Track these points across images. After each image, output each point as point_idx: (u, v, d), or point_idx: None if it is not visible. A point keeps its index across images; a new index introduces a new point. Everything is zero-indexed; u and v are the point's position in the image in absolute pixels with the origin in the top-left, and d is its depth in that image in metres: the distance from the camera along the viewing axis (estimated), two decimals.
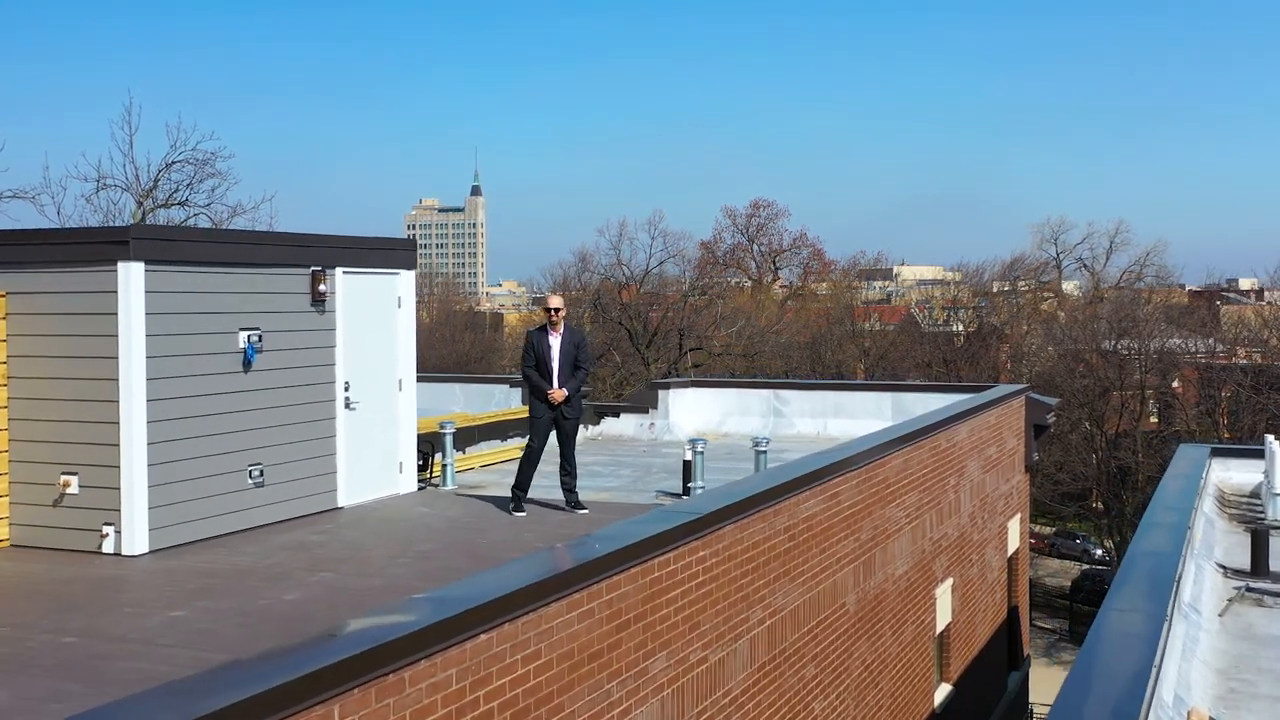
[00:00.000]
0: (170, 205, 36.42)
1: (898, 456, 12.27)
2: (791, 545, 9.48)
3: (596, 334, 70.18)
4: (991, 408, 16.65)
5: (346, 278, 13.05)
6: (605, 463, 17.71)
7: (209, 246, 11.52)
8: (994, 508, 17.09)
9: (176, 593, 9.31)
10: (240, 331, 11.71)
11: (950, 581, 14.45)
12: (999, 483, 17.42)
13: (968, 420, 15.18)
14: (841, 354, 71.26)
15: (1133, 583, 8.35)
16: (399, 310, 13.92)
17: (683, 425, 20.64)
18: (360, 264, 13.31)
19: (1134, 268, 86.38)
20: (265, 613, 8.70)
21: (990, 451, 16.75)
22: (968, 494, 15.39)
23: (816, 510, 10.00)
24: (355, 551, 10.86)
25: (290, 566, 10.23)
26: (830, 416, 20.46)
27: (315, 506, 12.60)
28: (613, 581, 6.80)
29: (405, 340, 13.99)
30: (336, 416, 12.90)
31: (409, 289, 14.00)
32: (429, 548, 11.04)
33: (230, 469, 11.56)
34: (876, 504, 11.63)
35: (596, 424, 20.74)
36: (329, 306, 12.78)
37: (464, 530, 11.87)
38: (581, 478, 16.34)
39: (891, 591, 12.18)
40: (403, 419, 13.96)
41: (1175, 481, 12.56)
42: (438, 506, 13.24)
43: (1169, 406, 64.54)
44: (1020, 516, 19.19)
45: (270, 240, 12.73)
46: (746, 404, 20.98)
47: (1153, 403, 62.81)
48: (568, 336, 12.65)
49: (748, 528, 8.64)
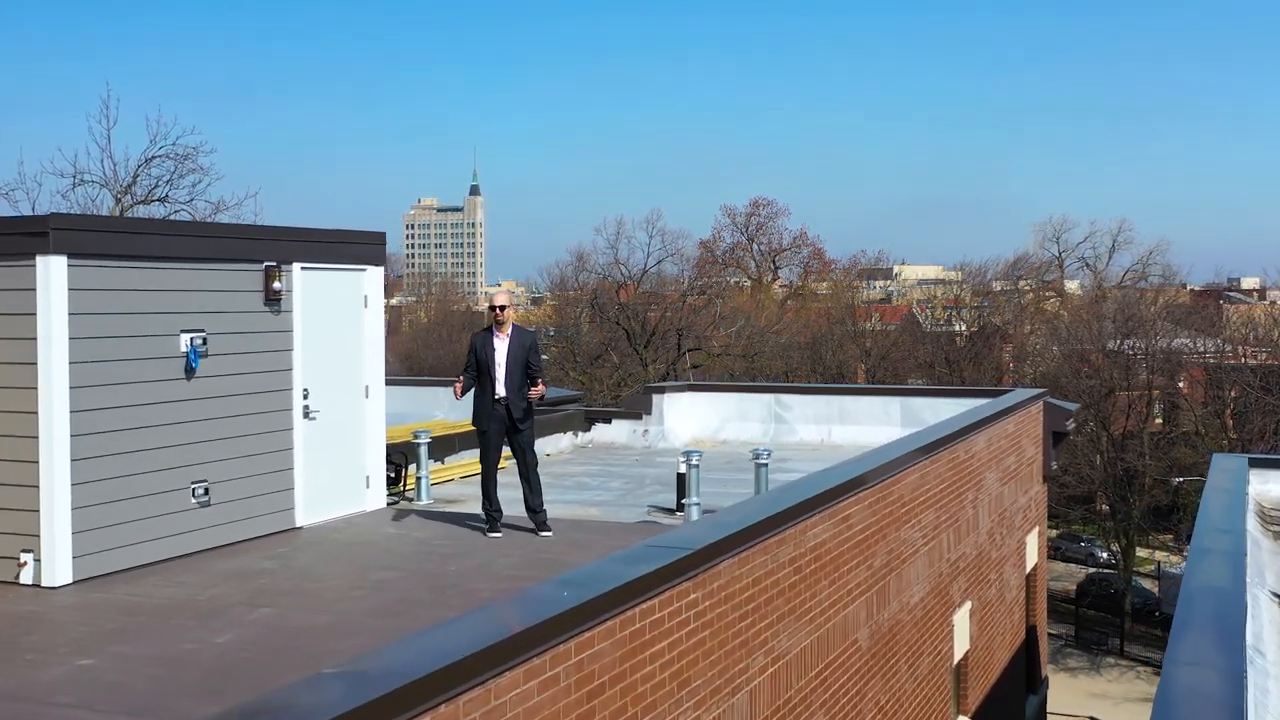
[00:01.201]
0: (150, 201, 35.29)
1: (913, 471, 11.08)
2: (798, 579, 8.28)
3: (594, 334, 69.04)
4: (1009, 415, 15.45)
5: (306, 274, 11.85)
6: (595, 473, 16.51)
7: (145, 239, 10.31)
8: (1012, 522, 15.89)
9: (91, 634, 8.11)
10: (182, 334, 10.50)
11: (968, 605, 13.25)
12: (1017, 494, 16.22)
13: (986, 429, 13.99)
14: (842, 354, 70.20)
15: (1197, 627, 7.14)
16: (365, 310, 12.71)
17: (678, 432, 19.43)
18: (322, 259, 12.10)
19: (1137, 267, 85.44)
20: (186, 660, 7.49)
21: (1009, 462, 15.55)
22: (986, 509, 14.19)
23: (825, 537, 8.80)
24: (305, 581, 9.66)
25: (229, 600, 9.02)
26: (835, 423, 19.25)
27: (269, 527, 11.40)
28: (584, 639, 5.59)
29: (372, 343, 12.79)
30: (293, 427, 11.69)
31: (376, 286, 12.80)
32: (389, 576, 9.84)
33: (170, 487, 10.35)
34: (891, 525, 10.44)
35: (587, 431, 19.53)
36: (285, 306, 11.57)
37: (431, 555, 10.67)
38: (569, 489, 15.17)
39: (907, 622, 10.98)
40: (370, 429, 12.75)
41: (1218, 497, 11.36)
42: (406, 526, 12.04)
43: (1174, 407, 63.39)
44: (1039, 529, 17.99)
45: (218, 232, 11.52)
46: (746, 409, 19.77)
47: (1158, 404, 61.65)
48: (516, 339, 11.44)
49: (748, 562, 7.44)
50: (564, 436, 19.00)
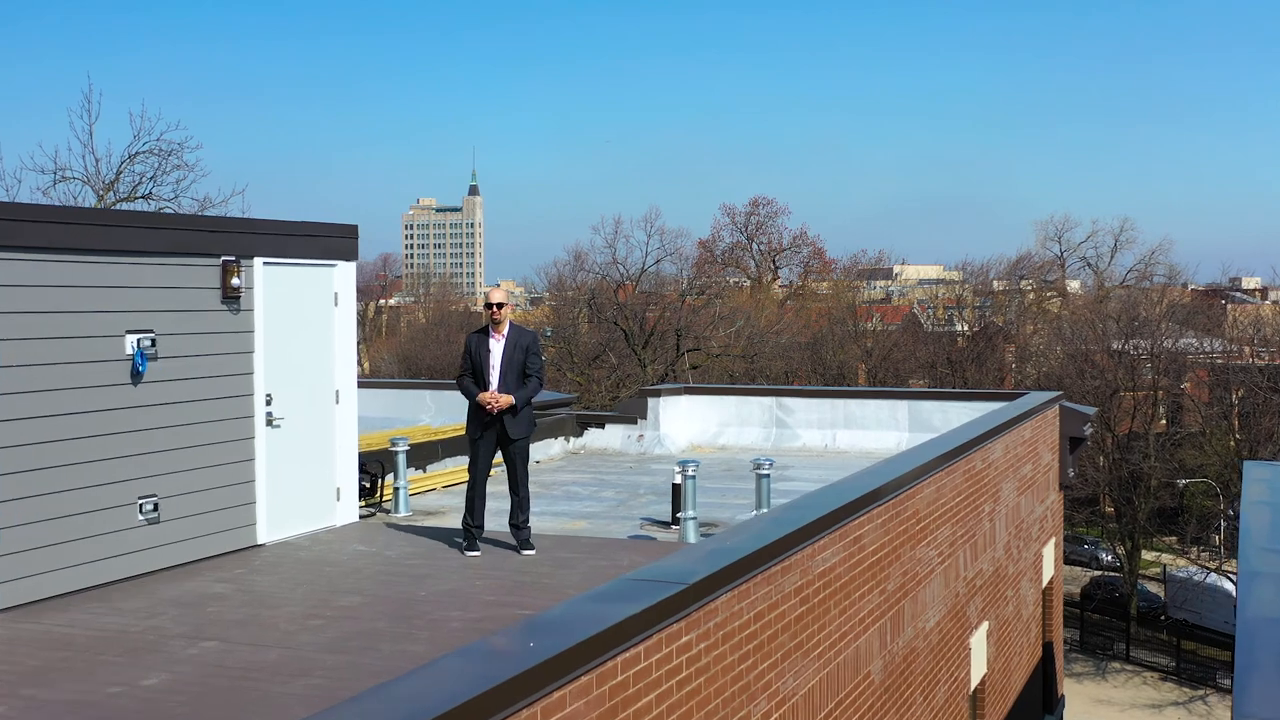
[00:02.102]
0: (133, 199, 34.34)
1: (929, 483, 10.14)
2: (804, 610, 7.35)
3: (592, 334, 68.02)
4: (1026, 420, 14.51)
5: (269, 270, 10.91)
6: (587, 482, 15.58)
7: (84, 229, 9.35)
8: (1029, 534, 14.96)
9: (7, 674, 7.17)
10: (127, 335, 9.57)
11: (985, 626, 12.32)
12: (1034, 505, 15.28)
13: (1003, 436, 13.05)
14: (843, 354, 69.32)
15: (1262, 671, 6.23)
16: (336, 309, 11.76)
17: (675, 437, 18.50)
18: (287, 253, 11.16)
19: (1139, 266, 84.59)
20: (106, 709, 6.55)
21: (1025, 470, 14.62)
22: (1003, 522, 13.26)
23: (835, 561, 7.87)
24: (260, 608, 8.72)
25: (170, 631, 8.09)
26: (839, 428, 18.32)
27: (228, 545, 10.46)
28: (551, 701, 4.66)
29: (344, 344, 11.85)
30: (255, 436, 10.75)
31: (348, 283, 11.86)
32: (352, 602, 8.90)
33: (114, 503, 9.41)
34: (906, 544, 9.50)
35: (579, 436, 18.60)
36: (245, 304, 10.63)
37: (402, 577, 9.73)
38: (559, 499, 14.23)
39: (922, 649, 10.04)
40: (341, 436, 11.81)
41: (1260, 512, 10.44)
42: (379, 542, 11.10)
43: (1179, 409, 62.40)
44: (1055, 541, 17.06)
45: (169, 223, 10.56)
46: (746, 413, 18.83)
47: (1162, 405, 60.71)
48: (514, 339, 10.51)
49: (748, 595, 6.51)
50: (555, 442, 18.07)
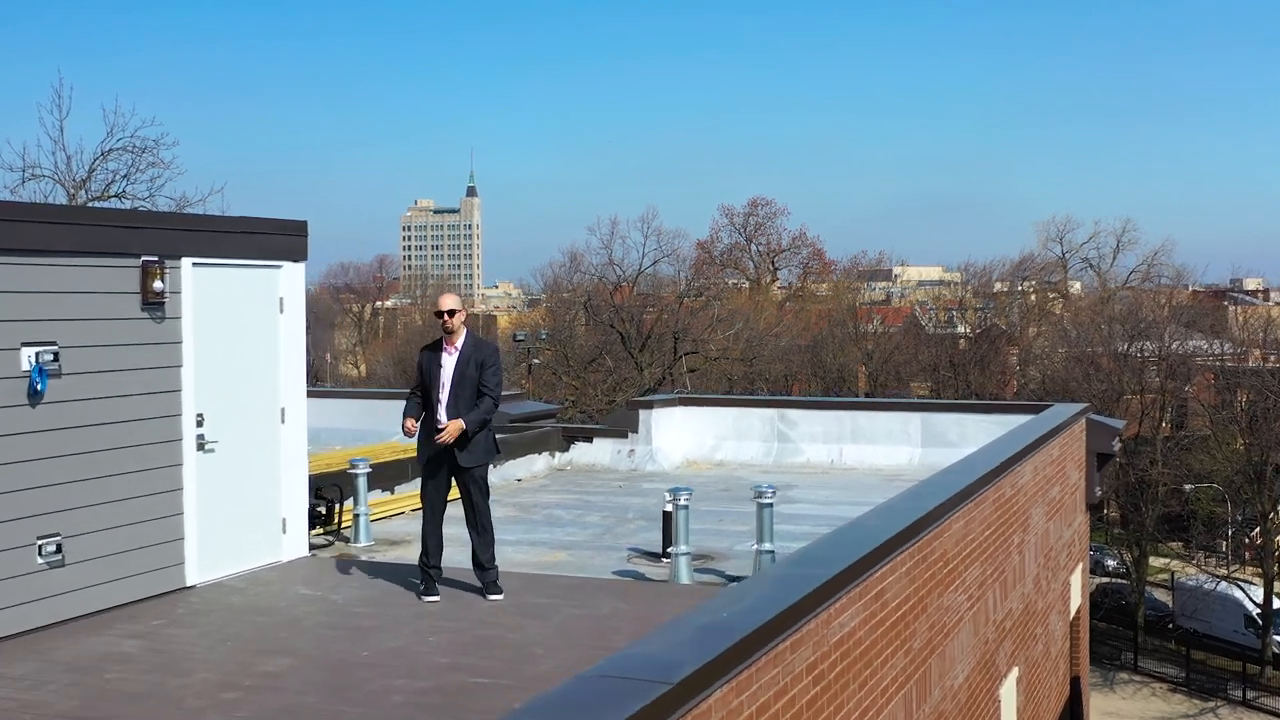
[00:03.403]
0: (106, 197, 32.98)
1: (958, 518, 8.77)
2: (818, 691, 5.97)
3: (588, 337, 66.55)
4: (1054, 437, 13.14)
5: (200, 271, 9.53)
6: (571, 504, 14.20)
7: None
8: (1057, 562, 13.59)
9: None
10: (23, 348, 8.20)
11: (1015, 673, 10.94)
12: (1062, 529, 13.91)
13: (1031, 457, 11.67)
14: (844, 357, 68.05)
15: None
16: (282, 315, 10.38)
17: (668, 452, 17.12)
18: (222, 253, 9.79)
19: (1141, 267, 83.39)
20: None
21: (1054, 492, 13.24)
22: (1032, 552, 11.89)
23: (854, 624, 6.49)
24: (167, 676, 7.33)
25: (51, 709, 6.71)
26: (846, 442, 16.94)
27: (151, 588, 9.08)
28: None
29: (291, 355, 10.46)
30: (183, 463, 9.37)
31: (296, 286, 10.49)
32: (281, 666, 7.51)
33: (6, 544, 8.04)
34: (933, 592, 8.13)
35: (565, 451, 17.22)
36: (170, 311, 9.25)
37: (343, 629, 8.34)
38: (539, 524, 12.85)
39: (950, 710, 8.66)
40: (287, 460, 10.43)
41: None
42: (326, 583, 9.71)
43: (1185, 412, 61.07)
44: (1081, 566, 15.68)
45: (78, 218, 9.14)
46: (745, 426, 17.45)
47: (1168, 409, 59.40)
48: (469, 351, 9.14)
49: (749, 685, 5.13)
50: (539, 458, 16.70)
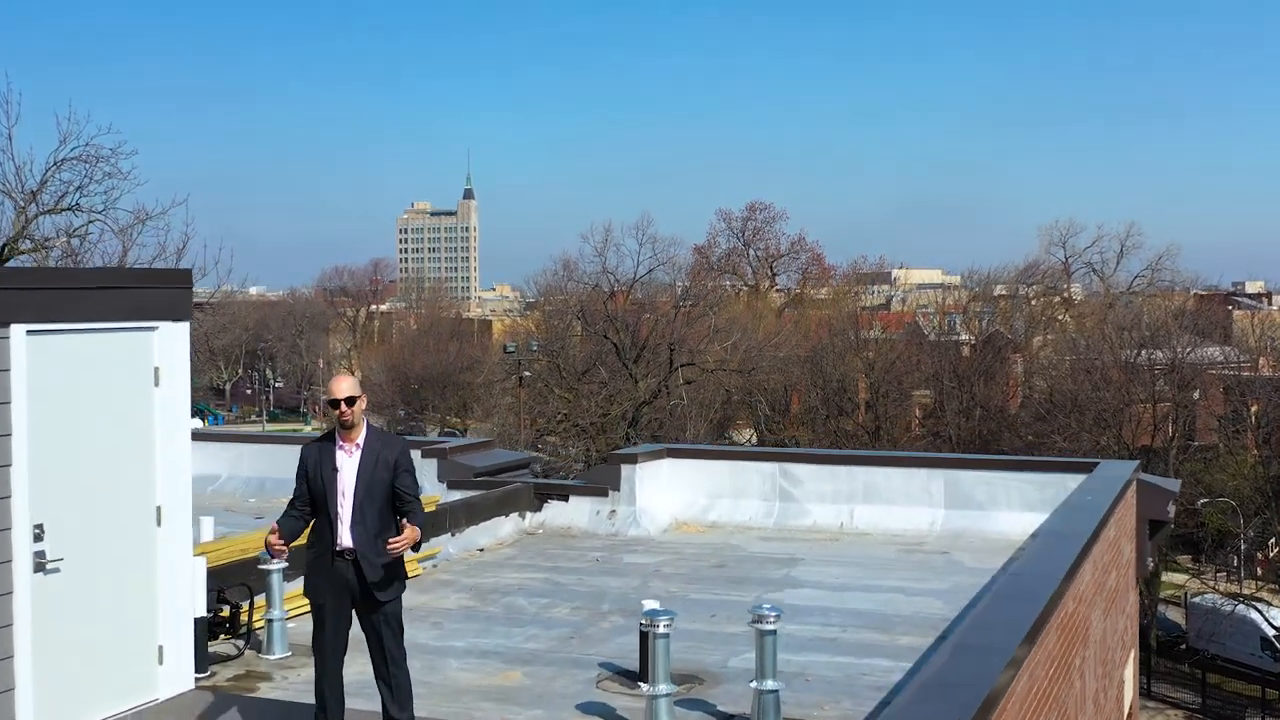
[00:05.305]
0: (59, 210, 30.80)
1: (1023, 673, 6.63)
2: None
3: (582, 347, 64.29)
4: (1111, 515, 10.99)
5: (37, 340, 7.39)
6: (538, 588, 12.05)
7: None
8: (1113, 660, 11.46)
9: None
10: None
11: None
12: (1118, 619, 11.78)
13: (1091, 553, 9.53)
14: (844, 367, 65.98)
15: None
16: (157, 389, 8.21)
17: (654, 513, 14.96)
18: (72, 315, 7.63)
19: (1146, 272, 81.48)
20: None
21: (1110, 582, 11.11)
22: (1092, 668, 9.75)
23: None
24: None
25: None
26: (858, 501, 14.79)
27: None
28: None
29: (170, 439, 8.28)
30: (14, 589, 7.23)
31: (178, 352, 8.31)
32: None
33: None
34: None
35: (537, 511, 15.07)
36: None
37: None
38: (496, 621, 10.62)
39: None
40: (165, 573, 8.26)
41: None
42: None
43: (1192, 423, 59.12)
44: (1133, 654, 13.54)
45: None
46: (743, 483, 15.29)
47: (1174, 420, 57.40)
48: (375, 448, 6.98)
49: None
50: (506, 521, 14.56)
